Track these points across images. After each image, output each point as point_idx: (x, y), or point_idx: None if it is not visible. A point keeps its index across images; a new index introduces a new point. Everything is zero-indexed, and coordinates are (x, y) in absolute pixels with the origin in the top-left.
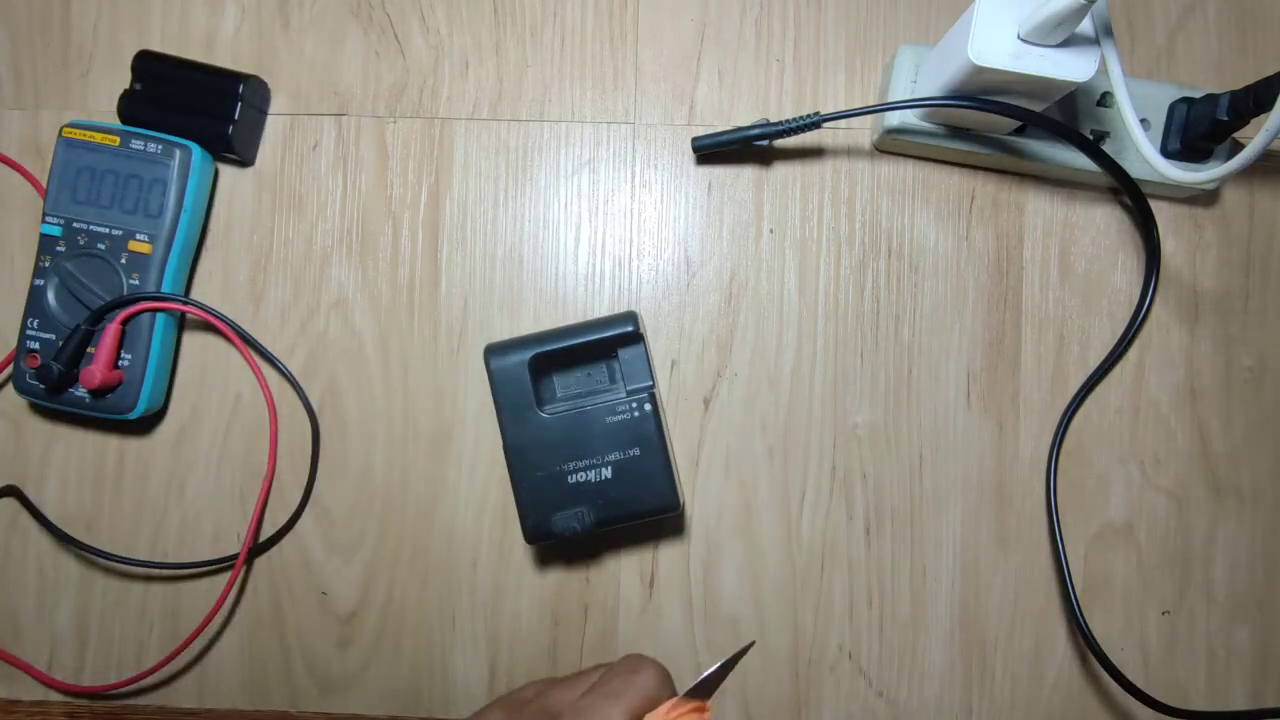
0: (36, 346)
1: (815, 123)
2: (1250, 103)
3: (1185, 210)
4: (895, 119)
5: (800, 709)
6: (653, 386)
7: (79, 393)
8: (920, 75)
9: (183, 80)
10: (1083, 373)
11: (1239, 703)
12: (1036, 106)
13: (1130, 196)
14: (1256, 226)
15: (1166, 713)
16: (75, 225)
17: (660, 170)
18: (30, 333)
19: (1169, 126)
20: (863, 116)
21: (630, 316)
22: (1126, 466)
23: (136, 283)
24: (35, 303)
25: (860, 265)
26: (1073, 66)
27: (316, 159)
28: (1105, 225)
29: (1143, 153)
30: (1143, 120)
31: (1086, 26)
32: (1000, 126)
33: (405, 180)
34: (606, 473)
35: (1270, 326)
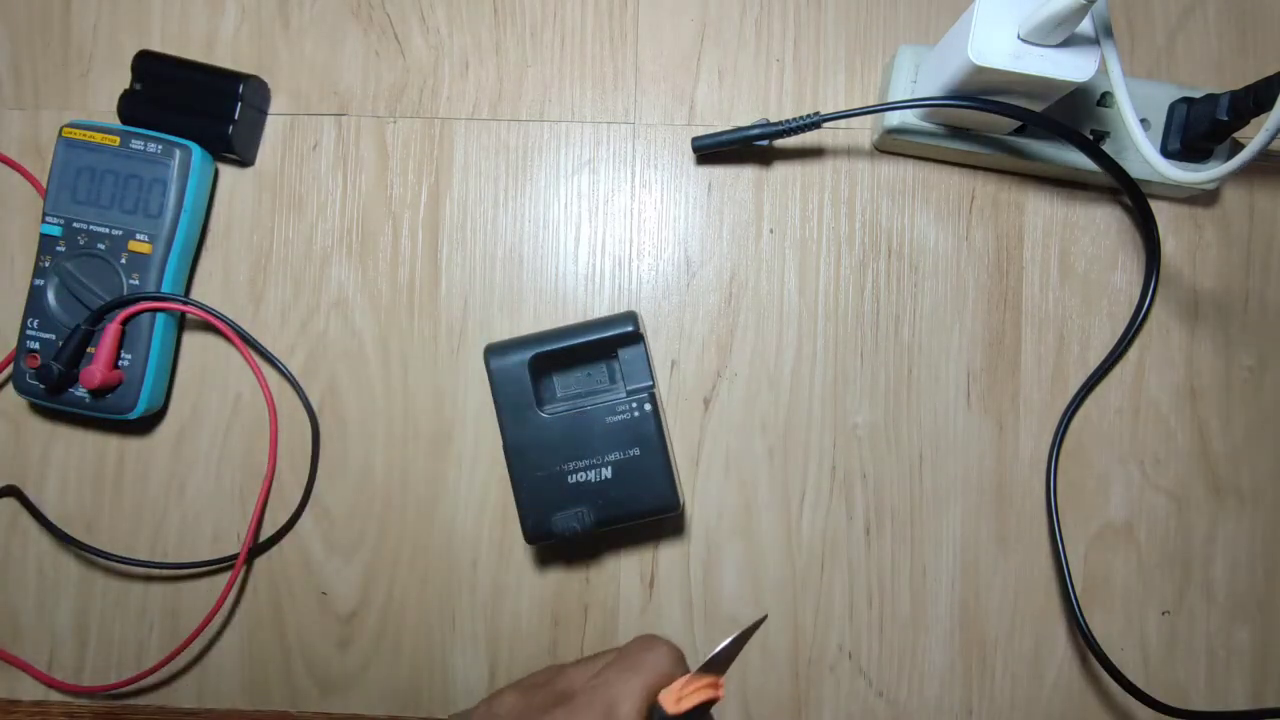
0: (36, 346)
1: (815, 123)
2: (1250, 103)
3: (1185, 210)
4: (895, 119)
5: (800, 709)
6: (653, 386)
7: (79, 393)
8: (920, 75)
9: (183, 80)
10: (1083, 373)
11: (1239, 703)
12: (1036, 106)
13: (1130, 196)
14: (1256, 226)
15: (1166, 713)
16: (75, 225)
17: (660, 170)
18: (30, 333)
19: (1169, 126)
20: (863, 116)
21: (630, 316)
22: (1126, 466)
23: (136, 283)
24: (35, 303)
25: (860, 265)
26: (1073, 66)
27: (316, 159)
28: (1105, 225)
29: (1143, 153)
30: (1143, 120)
31: (1086, 26)
32: (1000, 126)
33: (405, 180)
34: (606, 473)
35: (1270, 326)
